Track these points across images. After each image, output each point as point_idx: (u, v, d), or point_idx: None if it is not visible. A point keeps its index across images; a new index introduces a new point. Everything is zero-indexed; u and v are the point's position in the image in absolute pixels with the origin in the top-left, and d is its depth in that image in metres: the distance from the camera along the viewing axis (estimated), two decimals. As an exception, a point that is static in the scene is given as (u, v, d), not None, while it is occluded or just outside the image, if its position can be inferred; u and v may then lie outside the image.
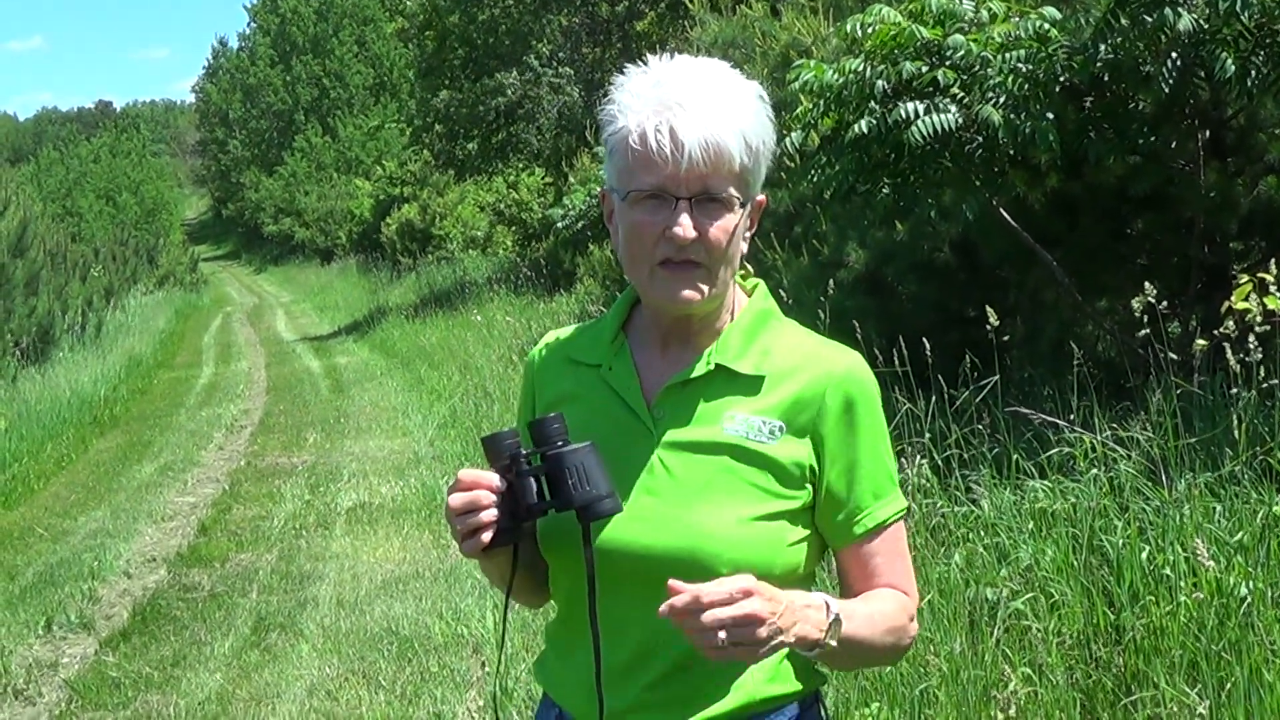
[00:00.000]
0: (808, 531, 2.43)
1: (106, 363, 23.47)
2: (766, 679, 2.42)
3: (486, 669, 6.87)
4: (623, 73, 2.41)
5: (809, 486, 2.41)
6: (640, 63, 2.41)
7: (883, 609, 2.41)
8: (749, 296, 2.54)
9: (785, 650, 2.33)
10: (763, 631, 2.12)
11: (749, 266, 2.53)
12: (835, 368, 2.44)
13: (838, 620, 2.26)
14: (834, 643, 2.26)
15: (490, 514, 2.31)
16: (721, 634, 2.08)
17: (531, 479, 2.32)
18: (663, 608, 2.11)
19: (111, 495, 13.11)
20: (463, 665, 7.15)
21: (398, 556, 9.72)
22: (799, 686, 2.46)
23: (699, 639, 2.11)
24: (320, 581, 9.23)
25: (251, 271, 69.15)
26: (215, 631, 8.33)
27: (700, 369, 2.44)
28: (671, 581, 2.13)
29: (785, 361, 2.44)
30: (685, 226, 2.30)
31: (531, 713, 6.08)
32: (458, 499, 2.31)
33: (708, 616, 2.09)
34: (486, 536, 2.32)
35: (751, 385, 2.43)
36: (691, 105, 2.30)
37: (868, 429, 2.43)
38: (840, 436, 2.41)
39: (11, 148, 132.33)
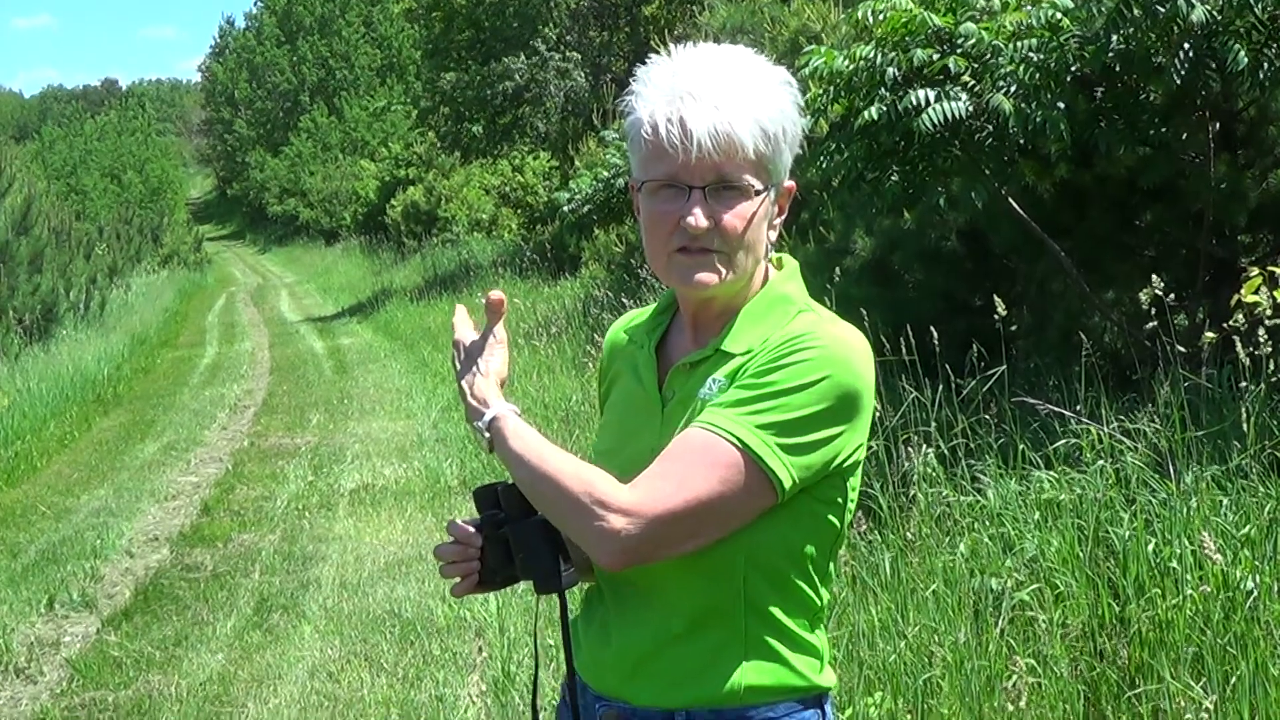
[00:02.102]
0: (809, 508, 2.38)
1: (110, 341, 23.47)
2: (761, 670, 2.42)
3: (487, 653, 6.86)
4: (630, 58, 2.44)
5: None
6: (649, 47, 2.44)
7: (566, 466, 2.35)
8: (771, 280, 2.54)
9: (779, 646, 2.42)
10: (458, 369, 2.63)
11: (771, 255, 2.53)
12: (798, 328, 2.39)
13: (495, 424, 2.45)
14: (485, 437, 2.46)
15: (469, 567, 2.54)
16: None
17: (499, 544, 2.52)
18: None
19: (114, 474, 13.10)
20: (465, 648, 7.14)
21: (400, 538, 9.71)
22: (796, 685, 2.45)
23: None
24: (323, 563, 9.23)
25: (256, 252, 69.15)
26: (217, 612, 8.32)
27: (704, 352, 2.47)
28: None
29: (774, 337, 2.40)
30: (697, 216, 2.31)
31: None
32: (443, 550, 2.56)
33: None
34: (465, 585, 2.56)
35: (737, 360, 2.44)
36: (703, 94, 2.30)
37: (786, 369, 2.32)
38: (752, 367, 2.37)
39: (17, 125, 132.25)
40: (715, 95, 2.29)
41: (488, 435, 2.45)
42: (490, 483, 2.54)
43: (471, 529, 2.52)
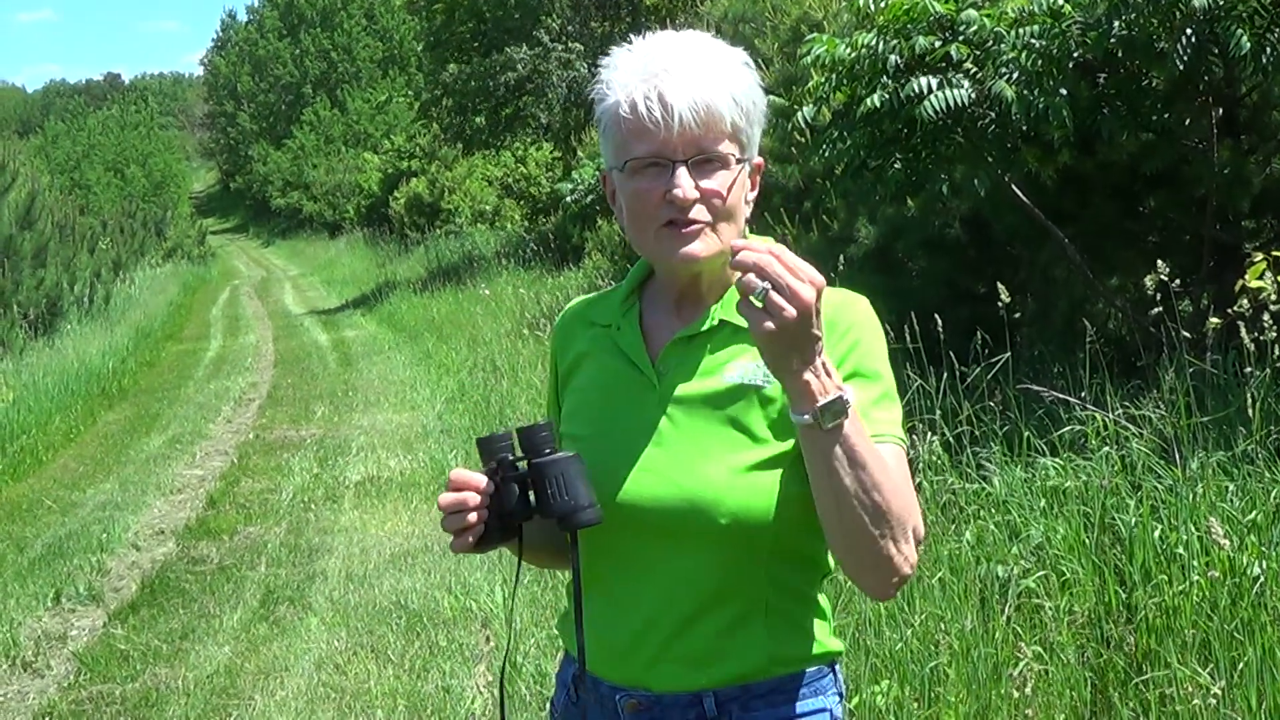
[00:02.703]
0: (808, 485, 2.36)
1: (114, 335, 23.46)
2: (783, 639, 2.42)
3: (494, 643, 6.86)
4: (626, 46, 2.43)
5: None
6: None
7: (896, 478, 2.27)
8: None
9: (797, 613, 2.41)
10: (791, 317, 2.07)
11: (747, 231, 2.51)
12: (830, 299, 2.31)
13: (843, 405, 2.16)
14: (827, 425, 2.16)
15: (474, 516, 2.37)
16: (760, 284, 2.08)
17: (515, 485, 2.38)
18: (738, 243, 2.15)
19: (120, 468, 13.11)
20: (471, 640, 7.14)
21: (406, 530, 9.71)
22: (815, 652, 2.46)
23: (747, 280, 2.10)
24: (329, 555, 9.23)
25: (259, 245, 69.16)
26: (224, 604, 8.32)
27: (705, 324, 2.46)
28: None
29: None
30: (685, 188, 2.32)
31: (541, 688, 6.11)
32: (446, 498, 2.37)
33: (773, 268, 2.09)
34: (472, 537, 2.39)
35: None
36: (677, 69, 2.33)
37: (862, 356, 2.38)
38: (831, 352, 2.30)
39: (20, 120, 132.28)
40: (689, 70, 2.33)
41: (831, 424, 2.18)
42: (496, 432, 2.44)
43: (478, 475, 2.40)
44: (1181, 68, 6.71)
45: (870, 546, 2.24)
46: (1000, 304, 6.86)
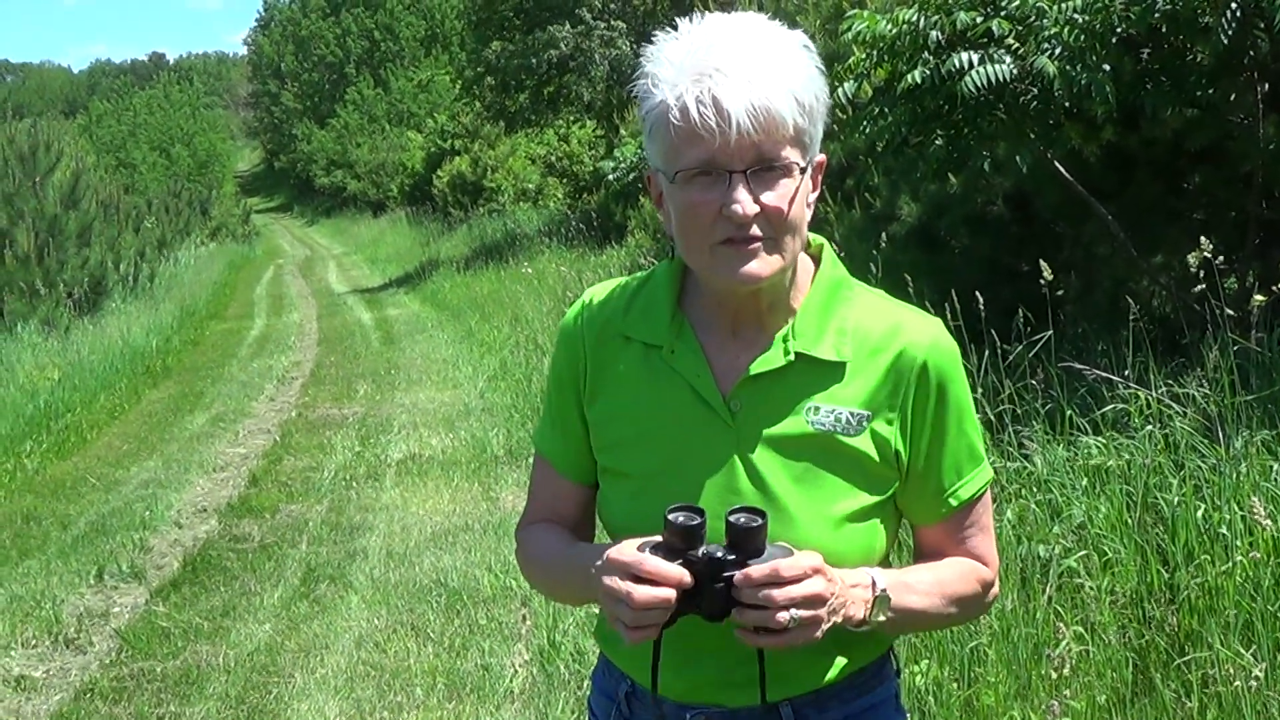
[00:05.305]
0: (894, 522, 2.35)
1: (159, 314, 23.57)
2: (855, 646, 2.34)
3: (533, 622, 6.86)
4: (674, 26, 2.21)
5: (896, 472, 2.30)
6: (693, 15, 2.21)
7: (945, 576, 2.32)
8: (815, 262, 2.37)
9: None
10: (823, 612, 2.05)
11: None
12: (918, 341, 2.28)
13: (883, 597, 2.19)
14: (881, 619, 2.19)
15: (666, 614, 2.11)
16: (788, 613, 2.01)
17: (720, 587, 2.08)
18: (738, 576, 2.03)
19: (163, 445, 13.17)
20: (511, 618, 7.14)
21: (447, 508, 9.73)
22: (879, 646, 2.42)
23: (763, 616, 2.02)
24: (370, 533, 9.25)
25: (303, 224, 69.44)
26: (265, 582, 8.35)
27: (777, 359, 2.27)
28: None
29: (866, 341, 2.28)
30: (744, 203, 2.10)
31: (580, 667, 6.10)
32: (645, 596, 2.07)
33: (780, 593, 2.01)
34: (651, 632, 2.13)
35: (834, 372, 2.27)
36: (732, 69, 2.08)
37: (954, 403, 2.31)
38: (925, 414, 2.28)
39: (65, 99, 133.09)
40: (745, 69, 2.08)
41: (881, 619, 2.20)
42: (689, 508, 2.12)
43: (675, 569, 2.08)
44: (1226, 42, 6.63)
45: (948, 628, 2.39)
46: (1043, 282, 6.81)
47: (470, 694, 6.31)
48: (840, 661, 2.33)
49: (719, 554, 2.06)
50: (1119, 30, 7.07)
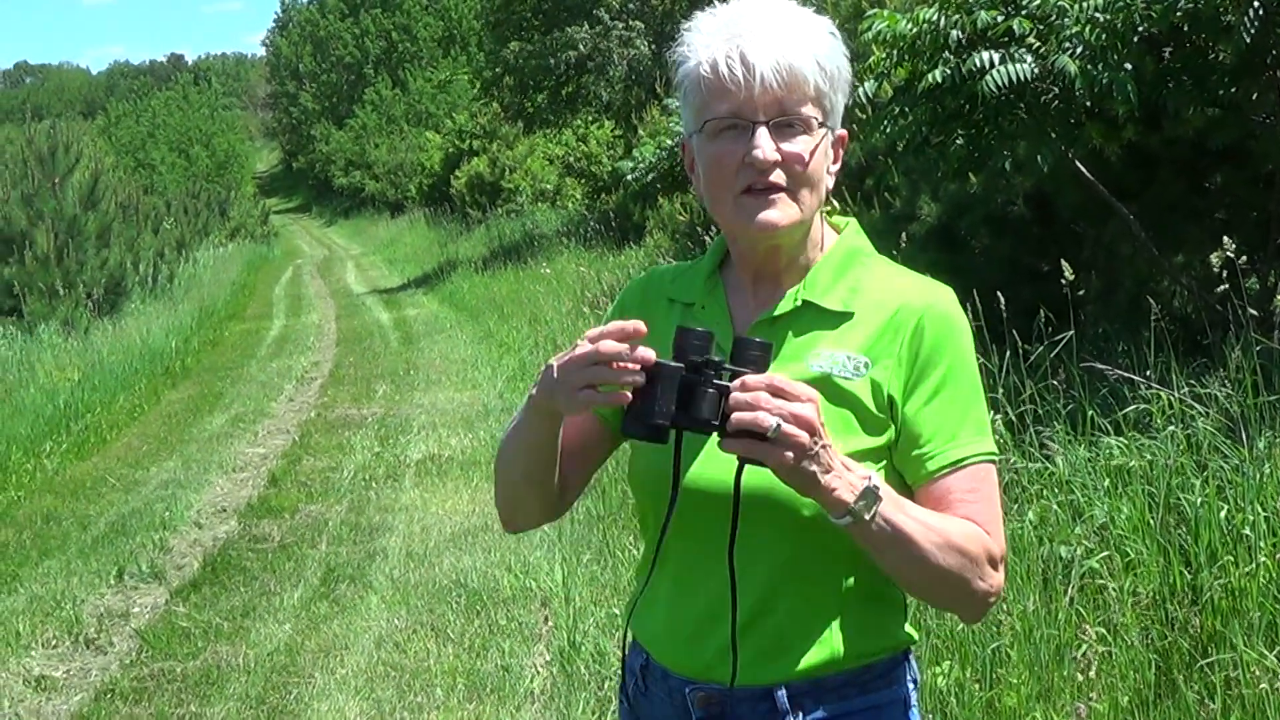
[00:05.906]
0: (895, 479, 2.33)
1: (178, 314, 23.61)
2: (856, 632, 2.36)
3: (553, 623, 6.86)
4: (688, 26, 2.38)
5: (891, 422, 2.33)
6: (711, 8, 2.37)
7: (948, 525, 2.26)
8: (839, 235, 2.49)
9: (873, 606, 2.36)
10: (805, 439, 2.04)
11: (834, 203, 2.46)
12: (922, 300, 2.35)
13: (873, 492, 2.14)
14: (867, 517, 2.14)
15: (636, 379, 2.12)
16: (774, 420, 2.02)
17: (712, 392, 2.09)
18: (736, 382, 2.07)
19: (183, 446, 13.20)
20: (531, 619, 7.14)
21: (466, 509, 9.73)
22: (888, 643, 2.42)
23: (752, 418, 2.03)
24: (389, 533, 9.25)
25: (322, 224, 69.57)
26: (285, 582, 8.36)
27: (787, 305, 2.39)
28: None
29: (874, 297, 2.37)
30: (765, 149, 2.25)
31: (600, 667, 6.11)
32: (610, 347, 2.12)
33: (774, 402, 2.03)
34: (597, 398, 2.15)
35: (838, 321, 2.37)
36: (761, 31, 2.27)
37: (950, 365, 2.33)
38: (922, 368, 2.32)
39: (85, 101, 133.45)
40: (773, 32, 2.27)
41: (865, 516, 2.15)
42: (694, 326, 2.15)
43: (653, 354, 2.11)
44: (1248, 41, 6.60)
45: (943, 594, 2.33)
46: (1064, 281, 6.79)
47: (490, 695, 6.31)
48: (842, 641, 2.35)
49: (714, 357, 2.12)
50: (1140, 29, 7.04)
